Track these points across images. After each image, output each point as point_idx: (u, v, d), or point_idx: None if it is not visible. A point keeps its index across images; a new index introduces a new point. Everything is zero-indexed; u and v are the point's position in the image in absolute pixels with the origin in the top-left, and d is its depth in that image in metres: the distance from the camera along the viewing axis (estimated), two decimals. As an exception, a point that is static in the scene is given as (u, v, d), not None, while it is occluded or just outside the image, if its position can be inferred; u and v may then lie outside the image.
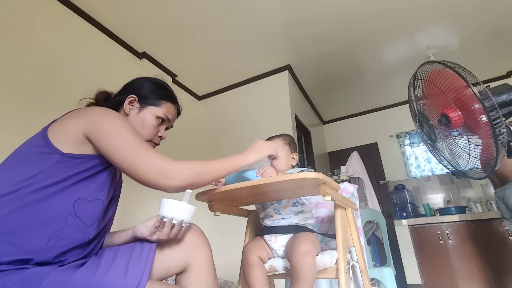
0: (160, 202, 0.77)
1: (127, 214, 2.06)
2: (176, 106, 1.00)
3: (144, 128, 0.90)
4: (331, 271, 0.95)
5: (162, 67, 2.80)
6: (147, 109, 0.91)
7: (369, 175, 3.03)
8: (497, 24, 2.60)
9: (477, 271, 2.63)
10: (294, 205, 1.10)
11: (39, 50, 1.84)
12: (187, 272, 0.81)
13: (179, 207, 0.75)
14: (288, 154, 1.17)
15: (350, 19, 2.42)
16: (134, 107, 0.91)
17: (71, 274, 0.62)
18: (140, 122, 0.90)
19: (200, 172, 0.78)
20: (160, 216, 0.75)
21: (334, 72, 3.22)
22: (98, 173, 0.76)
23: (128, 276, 0.64)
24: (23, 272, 0.60)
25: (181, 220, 0.75)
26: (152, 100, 0.92)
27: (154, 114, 0.92)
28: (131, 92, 0.92)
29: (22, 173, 0.67)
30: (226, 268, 2.29)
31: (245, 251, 1.04)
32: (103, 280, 0.61)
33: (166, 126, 0.98)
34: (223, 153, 3.02)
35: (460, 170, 1.57)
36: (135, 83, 0.96)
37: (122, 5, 2.14)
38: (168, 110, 0.95)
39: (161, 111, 0.93)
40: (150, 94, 0.93)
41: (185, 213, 0.75)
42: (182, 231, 0.78)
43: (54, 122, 0.77)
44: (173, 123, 1.01)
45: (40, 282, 0.58)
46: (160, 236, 0.76)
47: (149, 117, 0.91)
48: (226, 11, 2.27)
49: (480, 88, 1.25)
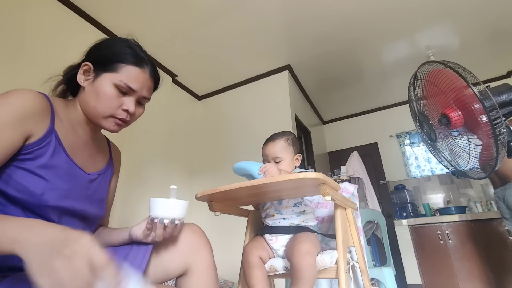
0: (149, 202, 0.72)
1: (127, 212, 2.06)
2: (146, 71, 0.76)
3: (98, 100, 0.71)
4: (331, 271, 0.95)
5: (162, 67, 2.80)
6: (102, 77, 0.72)
7: (369, 175, 3.03)
8: (497, 24, 2.60)
9: (477, 271, 2.63)
10: (295, 206, 1.10)
11: (39, 50, 1.83)
12: (187, 275, 0.77)
13: (168, 205, 0.71)
14: (292, 156, 1.14)
15: (350, 19, 2.42)
16: (90, 77, 0.73)
17: None
18: (94, 94, 0.71)
19: None
20: (151, 217, 0.71)
21: (334, 72, 3.22)
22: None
23: None
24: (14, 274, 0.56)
25: (173, 218, 0.71)
26: (107, 64, 0.72)
27: (111, 82, 0.71)
28: (86, 59, 0.75)
29: None
30: (226, 268, 2.29)
31: (246, 251, 1.04)
32: None
33: (135, 98, 0.75)
34: (223, 153, 3.03)
35: (460, 170, 1.57)
36: (93, 45, 0.78)
37: (122, 5, 2.14)
38: (129, 75, 0.72)
39: (118, 77, 0.71)
40: (107, 58, 0.73)
41: (175, 210, 0.72)
42: (177, 229, 0.74)
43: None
44: (147, 94, 0.78)
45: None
46: (154, 237, 0.72)
47: (106, 86, 0.71)
48: (226, 11, 2.27)
49: (480, 88, 1.25)
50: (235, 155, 2.93)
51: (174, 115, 2.91)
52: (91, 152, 0.80)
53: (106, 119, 0.74)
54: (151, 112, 2.34)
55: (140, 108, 0.79)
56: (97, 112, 0.73)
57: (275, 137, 1.16)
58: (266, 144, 1.17)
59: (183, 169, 2.97)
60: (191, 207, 0.79)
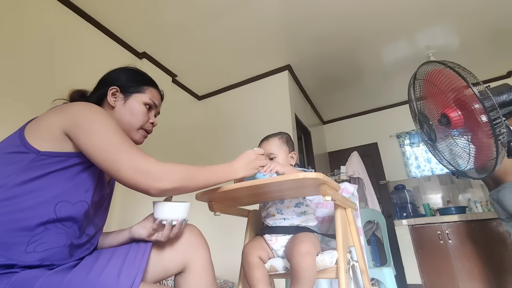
0: (154, 205, 0.76)
1: (127, 213, 2.06)
2: (158, 91, 0.97)
3: (134, 116, 0.87)
4: (331, 271, 0.95)
5: (162, 67, 2.80)
6: (132, 97, 0.88)
7: (369, 175, 3.02)
8: (497, 24, 2.60)
9: (477, 271, 2.63)
10: (296, 206, 1.10)
11: (39, 50, 1.83)
12: (186, 273, 0.80)
13: (177, 208, 0.75)
14: (286, 154, 1.15)
15: (350, 19, 2.42)
16: (118, 98, 0.87)
17: (62, 277, 0.60)
18: (129, 112, 0.87)
19: (188, 176, 0.73)
20: (159, 219, 0.74)
21: (334, 72, 3.22)
22: (80, 172, 0.71)
23: (121, 279, 0.62)
24: (11, 277, 0.57)
25: (182, 219, 0.75)
26: (134, 87, 0.89)
27: (141, 101, 0.89)
28: (111, 84, 0.87)
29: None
30: (226, 268, 2.29)
31: (245, 251, 1.04)
32: (94, 283, 0.60)
33: (154, 112, 0.95)
34: (223, 153, 3.03)
35: (460, 170, 1.57)
36: (111, 75, 0.92)
37: (122, 5, 2.14)
38: (153, 95, 0.92)
39: (146, 96, 0.90)
40: (131, 82, 0.89)
41: (183, 212, 0.76)
42: (181, 229, 0.79)
43: (33, 120, 0.72)
44: (160, 108, 0.97)
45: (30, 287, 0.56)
46: (159, 237, 0.76)
47: (137, 104, 0.88)
48: (226, 11, 2.27)
49: (480, 88, 1.26)
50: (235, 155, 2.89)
51: (174, 115, 2.91)
52: None
53: (137, 131, 0.89)
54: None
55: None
56: (131, 126, 0.87)
57: (270, 136, 1.19)
58: (261, 143, 1.20)
59: (183, 169, 2.96)
60: (191, 207, 0.80)
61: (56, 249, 0.66)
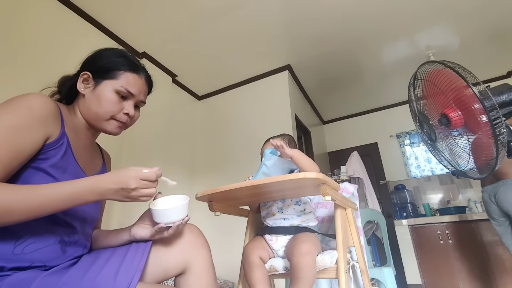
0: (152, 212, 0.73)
1: (126, 212, 2.06)
2: (142, 77, 0.82)
3: (100, 105, 0.76)
4: (331, 271, 0.95)
5: (162, 67, 2.80)
6: (103, 84, 0.77)
7: (369, 175, 3.03)
8: (497, 24, 2.60)
9: (477, 271, 2.63)
10: (297, 204, 1.11)
11: (39, 50, 1.83)
12: (186, 274, 0.78)
13: (179, 209, 0.73)
14: None
15: (350, 19, 2.42)
16: (89, 85, 0.77)
17: (58, 278, 0.58)
18: (96, 99, 0.76)
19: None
20: (163, 223, 0.72)
21: (334, 72, 3.22)
22: (36, 171, 0.65)
23: (118, 279, 0.61)
24: (3, 280, 0.56)
25: (185, 217, 0.75)
26: (108, 73, 0.77)
27: (112, 88, 0.76)
28: (84, 68, 0.79)
29: None
30: (226, 268, 2.29)
31: (246, 251, 1.04)
32: (91, 284, 0.58)
33: (134, 103, 0.81)
34: (223, 153, 3.03)
35: (460, 170, 1.57)
36: (90, 56, 0.82)
37: (122, 5, 2.14)
38: (128, 82, 0.78)
39: (119, 83, 0.77)
40: (106, 67, 0.78)
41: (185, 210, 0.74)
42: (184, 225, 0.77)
43: None
44: (144, 98, 0.84)
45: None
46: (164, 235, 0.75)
47: (107, 92, 0.76)
48: (226, 11, 2.27)
49: (480, 88, 1.26)
50: (235, 155, 2.93)
51: (174, 115, 2.91)
52: (90, 156, 0.84)
53: (108, 122, 0.78)
54: (151, 112, 2.34)
55: (137, 112, 0.85)
56: (98, 116, 0.77)
57: (273, 137, 1.24)
58: (265, 144, 1.25)
59: (184, 169, 2.97)
60: (191, 207, 0.79)
61: (46, 248, 0.64)
